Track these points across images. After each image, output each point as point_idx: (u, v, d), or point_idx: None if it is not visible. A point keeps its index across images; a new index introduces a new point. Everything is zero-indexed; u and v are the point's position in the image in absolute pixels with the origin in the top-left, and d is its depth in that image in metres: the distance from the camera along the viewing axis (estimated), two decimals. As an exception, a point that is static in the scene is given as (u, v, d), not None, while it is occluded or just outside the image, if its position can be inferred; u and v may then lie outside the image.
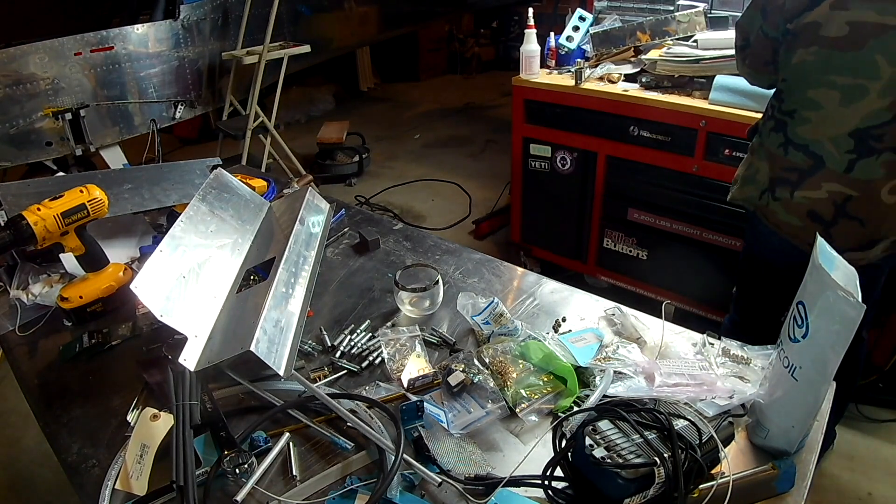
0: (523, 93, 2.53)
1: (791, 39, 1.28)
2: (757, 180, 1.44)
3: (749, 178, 1.47)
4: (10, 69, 2.72)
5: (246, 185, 1.37)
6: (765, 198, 1.43)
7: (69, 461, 0.89)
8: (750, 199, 1.48)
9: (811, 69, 1.26)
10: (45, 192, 1.20)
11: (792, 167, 1.34)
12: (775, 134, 1.37)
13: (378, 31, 5.40)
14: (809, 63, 1.25)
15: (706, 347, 1.00)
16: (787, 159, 1.35)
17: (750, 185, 1.47)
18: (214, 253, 1.11)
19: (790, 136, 1.33)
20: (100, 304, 1.22)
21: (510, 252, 3.00)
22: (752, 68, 1.45)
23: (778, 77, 1.37)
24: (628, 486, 0.69)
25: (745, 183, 1.49)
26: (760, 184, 1.44)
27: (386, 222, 1.61)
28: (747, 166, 1.49)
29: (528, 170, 2.66)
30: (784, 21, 1.27)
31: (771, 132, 1.39)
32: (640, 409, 0.78)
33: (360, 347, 1.10)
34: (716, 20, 2.34)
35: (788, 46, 1.29)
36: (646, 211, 2.37)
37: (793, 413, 0.81)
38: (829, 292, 0.72)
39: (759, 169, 1.44)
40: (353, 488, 0.81)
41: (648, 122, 2.21)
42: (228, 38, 3.74)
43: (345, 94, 6.33)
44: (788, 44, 1.29)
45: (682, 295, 2.38)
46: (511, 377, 0.96)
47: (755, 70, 1.45)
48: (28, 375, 1.09)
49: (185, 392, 0.87)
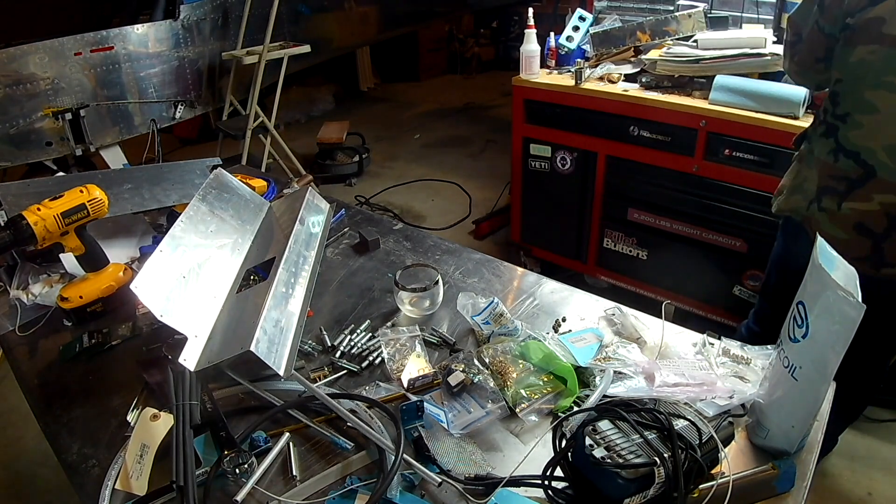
0: (523, 93, 2.53)
1: (850, 36, 1.20)
2: (805, 189, 1.38)
3: (797, 188, 1.40)
4: (10, 69, 2.72)
5: (246, 185, 1.37)
6: (812, 208, 1.35)
7: (69, 461, 0.89)
8: (797, 209, 1.40)
9: (870, 69, 1.18)
10: (45, 192, 1.20)
11: (841, 175, 1.28)
12: (825, 140, 1.31)
13: (378, 31, 5.40)
14: (868, 62, 1.18)
15: (706, 347, 1.00)
16: (837, 167, 1.28)
17: (797, 194, 1.40)
18: (214, 253, 1.11)
19: (841, 142, 1.27)
20: (100, 304, 1.22)
21: (510, 252, 2.99)
22: (801, 66, 1.37)
23: (830, 77, 1.30)
24: (628, 486, 0.69)
25: (792, 192, 1.42)
26: (808, 193, 1.36)
27: (386, 222, 1.61)
28: (794, 175, 1.42)
29: (528, 170, 2.66)
30: (844, 15, 1.20)
31: (821, 137, 1.32)
32: (640, 409, 0.78)
33: (360, 347, 1.10)
34: (716, 20, 2.34)
35: (846, 43, 1.21)
36: (646, 211, 2.37)
37: (793, 413, 0.81)
38: (829, 292, 0.72)
39: (807, 177, 1.37)
40: (353, 488, 0.81)
41: (648, 122, 2.21)
42: (228, 38, 3.74)
43: (345, 94, 6.33)
44: (847, 40, 1.21)
45: (682, 295, 2.38)
46: (511, 377, 0.96)
47: (803, 68, 1.37)
48: (28, 375, 1.09)
49: (185, 392, 0.87)
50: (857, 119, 1.23)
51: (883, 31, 1.14)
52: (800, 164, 1.42)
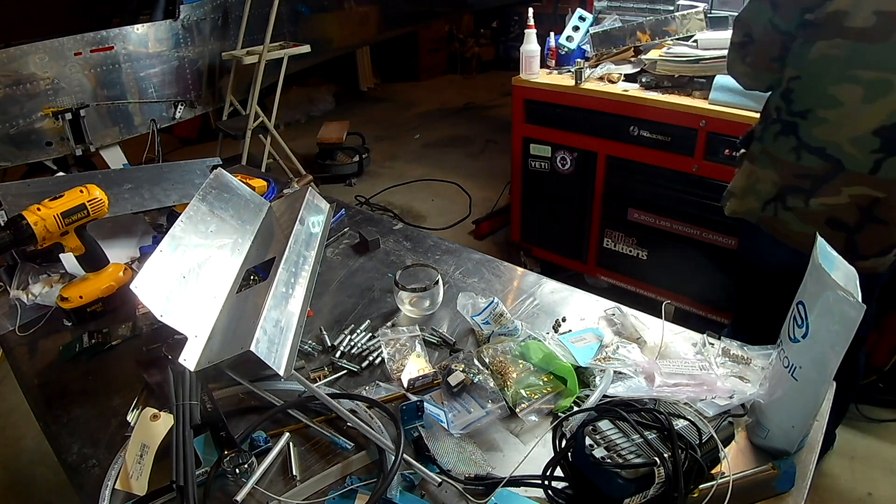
0: (523, 93, 2.53)
1: (810, 32, 1.18)
2: (759, 190, 1.35)
3: (749, 189, 1.37)
4: (10, 69, 2.72)
5: (246, 185, 1.37)
6: (770, 208, 1.33)
7: (69, 461, 0.89)
8: (751, 211, 1.38)
9: (833, 64, 1.16)
10: (45, 192, 1.20)
11: (804, 174, 1.25)
12: (784, 138, 1.28)
13: (378, 31, 5.40)
14: (831, 57, 1.16)
15: (706, 347, 1.00)
16: (800, 165, 1.25)
17: (750, 195, 1.37)
18: (214, 253, 1.11)
19: (804, 139, 1.24)
20: (100, 304, 1.22)
21: (510, 252, 3.00)
22: (755, 67, 1.34)
23: (784, 76, 1.27)
24: (628, 486, 0.69)
25: (745, 194, 1.39)
26: (764, 194, 1.34)
27: (386, 222, 1.61)
28: (746, 176, 1.39)
29: (528, 170, 2.66)
30: (801, 12, 1.18)
31: (778, 136, 1.29)
32: (640, 409, 0.78)
33: (360, 347, 1.09)
34: (716, 20, 2.34)
35: (806, 39, 1.19)
36: (646, 211, 2.37)
37: (793, 413, 0.81)
38: (828, 292, 0.72)
39: (760, 178, 1.35)
40: (353, 488, 0.81)
41: (648, 122, 2.21)
42: (228, 38, 3.74)
43: (345, 94, 6.33)
44: (806, 36, 1.19)
45: (682, 295, 2.38)
46: (511, 377, 0.96)
47: (757, 69, 1.34)
48: (28, 375, 1.09)
49: (185, 392, 0.87)
50: (821, 115, 1.21)
51: (846, 25, 1.12)
52: (752, 165, 1.38)
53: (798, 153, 1.26)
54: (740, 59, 1.37)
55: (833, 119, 1.20)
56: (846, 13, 1.11)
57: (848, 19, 1.12)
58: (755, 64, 1.34)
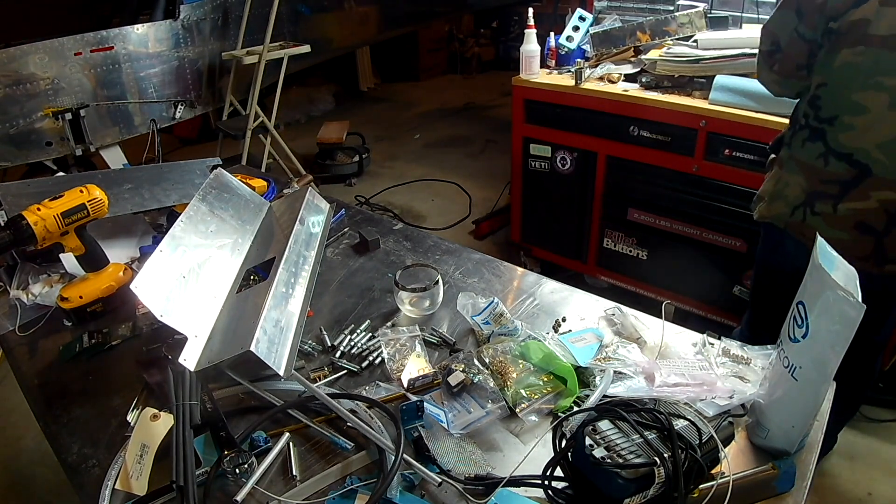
0: (523, 93, 2.53)
1: (834, 39, 1.19)
2: (787, 195, 1.36)
3: (778, 194, 1.38)
4: (10, 69, 2.72)
5: (246, 185, 1.37)
6: (798, 213, 1.34)
7: (69, 461, 0.89)
8: (780, 216, 1.38)
9: (857, 71, 1.18)
10: (45, 192, 1.20)
11: (831, 179, 1.26)
12: (811, 144, 1.29)
13: (378, 31, 5.40)
14: (855, 64, 1.17)
15: (706, 347, 1.00)
16: (827, 171, 1.26)
17: (779, 201, 1.38)
18: (214, 253, 1.11)
19: (831, 145, 1.25)
20: (100, 304, 1.22)
21: (510, 252, 3.00)
22: (783, 74, 1.35)
23: (811, 83, 1.28)
24: (628, 486, 0.69)
25: (773, 199, 1.40)
26: (792, 199, 1.35)
27: (386, 222, 1.61)
28: (775, 181, 1.40)
29: (528, 170, 2.66)
30: (826, 20, 1.19)
31: (806, 142, 1.30)
32: (640, 409, 0.78)
33: (360, 347, 1.10)
34: (716, 20, 2.34)
35: (831, 48, 1.21)
36: (646, 211, 2.37)
37: (793, 413, 0.81)
38: (829, 292, 0.72)
39: (788, 183, 1.35)
40: (353, 488, 0.81)
41: (648, 122, 2.21)
42: (228, 38, 3.74)
43: (345, 94, 6.33)
44: (831, 45, 1.20)
45: (682, 295, 2.38)
46: (511, 377, 0.96)
47: (785, 77, 1.35)
48: (28, 375, 1.09)
49: (185, 392, 0.87)
50: (847, 121, 1.22)
51: (869, 32, 1.13)
52: (780, 170, 1.39)
53: (826, 159, 1.27)
54: (768, 67, 1.38)
55: (859, 125, 1.21)
56: (869, 21, 1.13)
57: (871, 27, 1.13)
58: (782, 72, 1.35)
